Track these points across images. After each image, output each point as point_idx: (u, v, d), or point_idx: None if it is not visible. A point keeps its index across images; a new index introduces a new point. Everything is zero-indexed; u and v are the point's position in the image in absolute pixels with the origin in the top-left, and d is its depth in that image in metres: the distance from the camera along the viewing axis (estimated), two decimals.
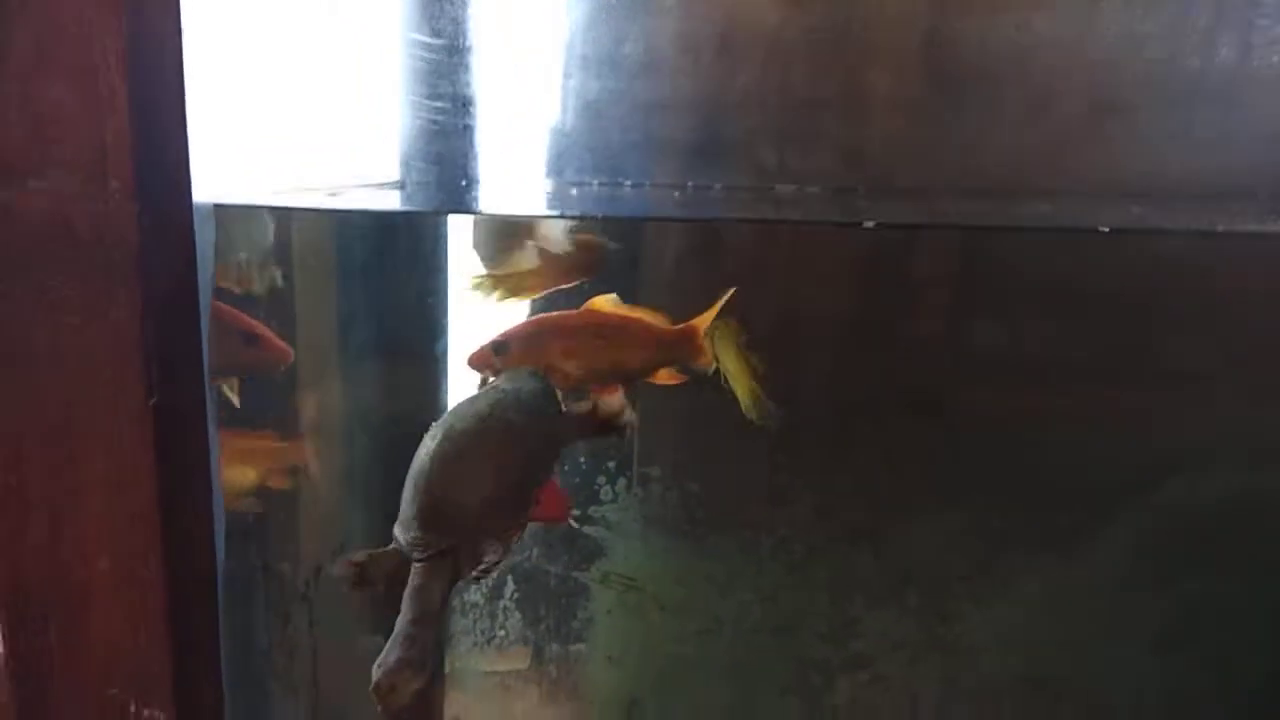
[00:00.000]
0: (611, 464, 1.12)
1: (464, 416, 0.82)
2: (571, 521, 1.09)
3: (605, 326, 0.92)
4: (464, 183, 1.14)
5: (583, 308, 0.93)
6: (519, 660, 1.28)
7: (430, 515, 0.78)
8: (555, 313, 0.95)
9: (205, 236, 0.91)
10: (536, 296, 1.02)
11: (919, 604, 0.97)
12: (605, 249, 0.99)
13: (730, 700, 1.10)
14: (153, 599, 0.87)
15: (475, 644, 1.26)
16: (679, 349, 0.90)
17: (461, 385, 1.20)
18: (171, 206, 0.83)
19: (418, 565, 0.79)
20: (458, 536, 0.78)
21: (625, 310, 0.92)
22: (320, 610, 1.23)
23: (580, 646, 1.19)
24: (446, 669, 1.27)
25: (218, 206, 0.93)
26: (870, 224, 0.80)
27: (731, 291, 0.84)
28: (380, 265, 1.17)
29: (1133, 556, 0.97)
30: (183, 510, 0.87)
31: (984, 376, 0.97)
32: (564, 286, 0.99)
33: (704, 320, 0.88)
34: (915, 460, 0.97)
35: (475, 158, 1.14)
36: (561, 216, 1.03)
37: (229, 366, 0.99)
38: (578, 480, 1.15)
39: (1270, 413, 0.97)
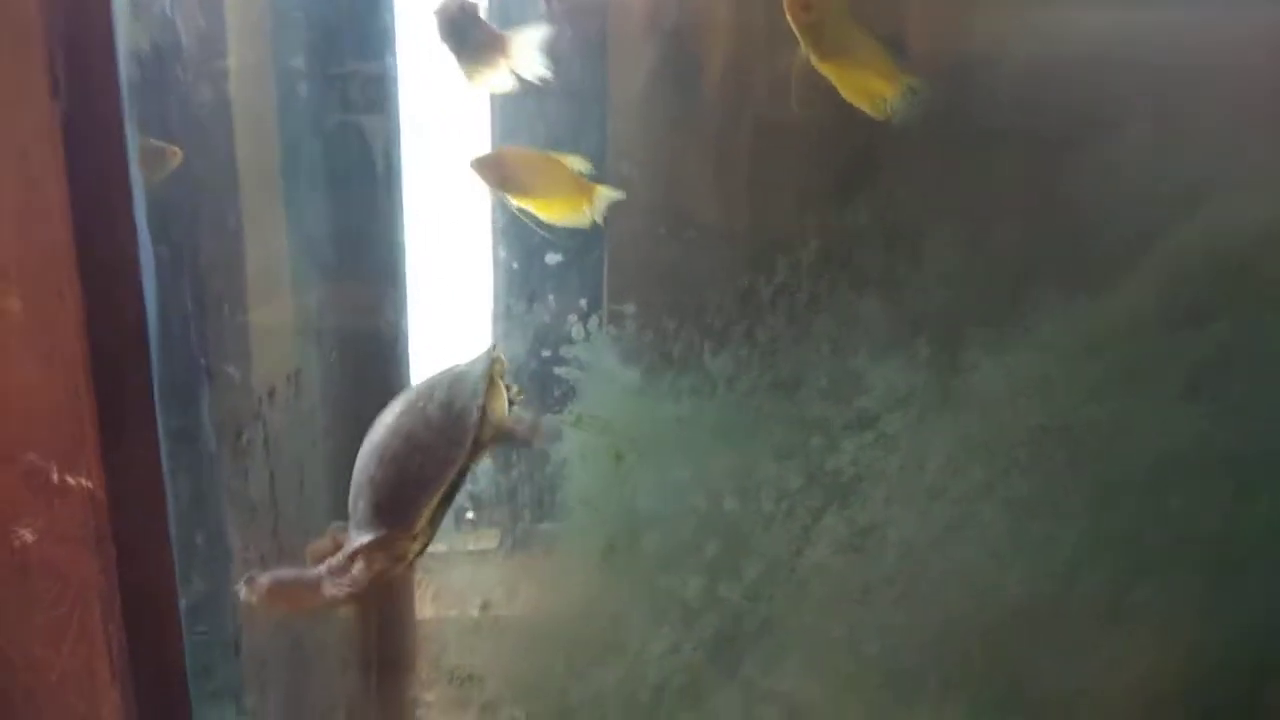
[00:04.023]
0: (583, 301, 1.08)
1: (393, 410, 0.91)
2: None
3: None
4: None
5: None
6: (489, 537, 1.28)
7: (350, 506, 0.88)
8: None
9: None
10: None
11: (929, 354, 0.96)
12: None
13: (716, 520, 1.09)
14: (71, 345, 0.82)
15: None
16: None
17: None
18: None
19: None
20: (367, 534, 0.86)
21: None
22: (277, 429, 1.19)
23: (555, 492, 1.17)
24: None
25: None
26: None
27: None
28: None
29: (1162, 295, 0.96)
30: (103, 240, 0.81)
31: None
32: None
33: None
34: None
35: None
36: None
37: None
38: (548, 320, 1.12)
39: None
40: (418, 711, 1.49)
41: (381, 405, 0.98)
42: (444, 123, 1.17)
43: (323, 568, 0.89)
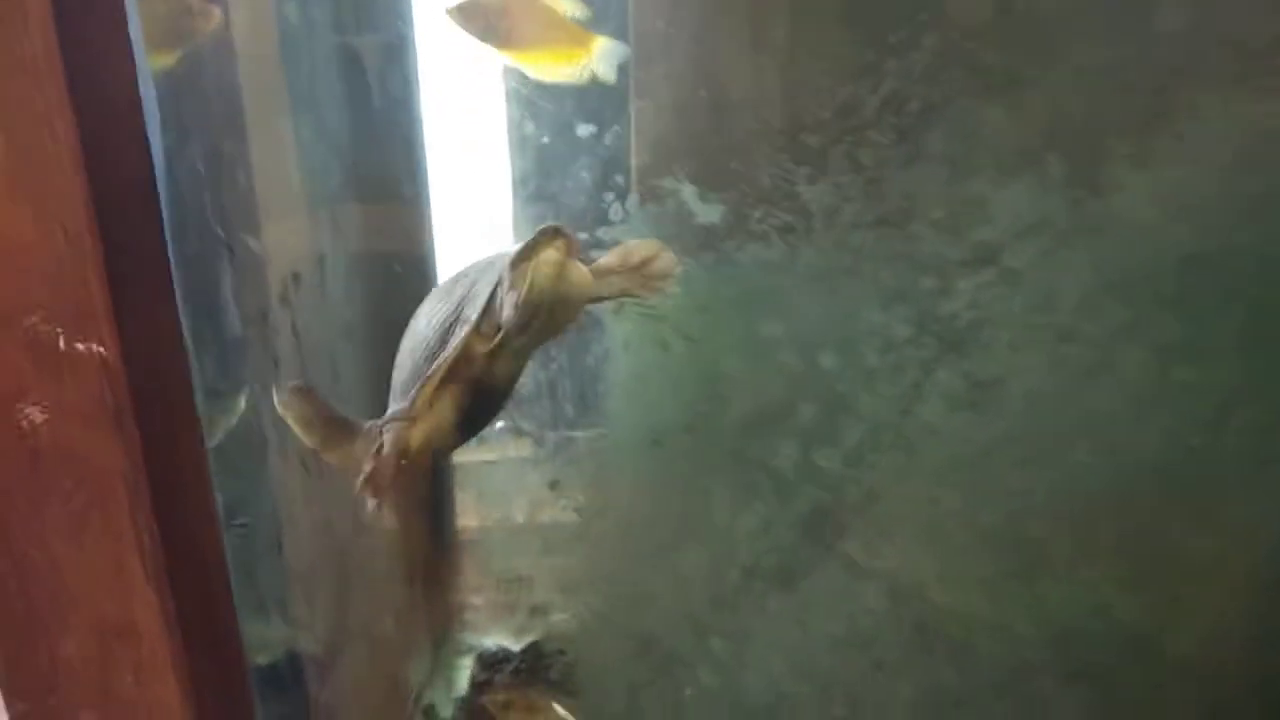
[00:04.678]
0: (619, 177, 0.96)
1: (441, 285, 0.85)
2: None
3: None
4: None
5: None
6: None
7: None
8: None
9: None
10: None
11: (1063, 172, 0.83)
12: None
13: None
14: (69, 185, 0.70)
15: None
16: None
17: None
18: None
19: None
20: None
21: None
22: (306, 318, 1.10)
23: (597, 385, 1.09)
24: None
25: None
26: None
27: None
28: None
29: None
30: (94, 62, 0.69)
31: None
32: None
33: None
34: None
35: None
36: None
37: None
38: (582, 200, 1.04)
39: None
40: (465, 616, 1.45)
41: (406, 296, 0.91)
42: None
43: (366, 425, 0.81)
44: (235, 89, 0.96)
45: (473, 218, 1.18)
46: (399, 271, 1.21)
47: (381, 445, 0.81)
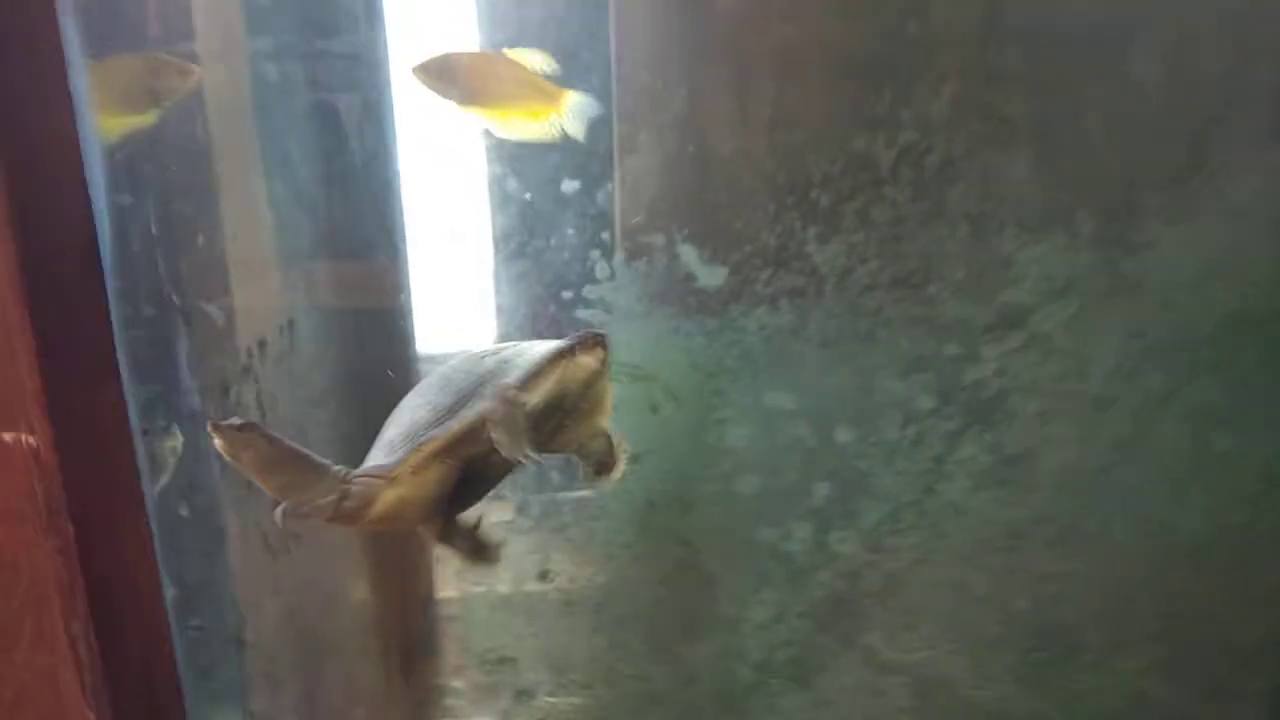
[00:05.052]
0: (605, 235, 0.94)
1: (476, 349, 0.85)
2: None
3: None
4: None
5: None
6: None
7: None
8: None
9: None
10: None
11: (1092, 230, 0.77)
12: None
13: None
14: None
15: None
16: None
17: None
18: None
19: None
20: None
21: None
22: (272, 387, 1.02)
23: None
24: None
25: None
26: None
27: None
28: None
29: None
30: (31, 113, 0.62)
31: None
32: None
33: None
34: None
35: None
36: None
37: None
38: (566, 256, 0.99)
39: None
40: (446, 701, 1.37)
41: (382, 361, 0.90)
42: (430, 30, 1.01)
43: (337, 469, 0.77)
44: (205, 150, 0.91)
45: (454, 278, 1.14)
46: (374, 336, 1.15)
47: (346, 494, 0.76)
